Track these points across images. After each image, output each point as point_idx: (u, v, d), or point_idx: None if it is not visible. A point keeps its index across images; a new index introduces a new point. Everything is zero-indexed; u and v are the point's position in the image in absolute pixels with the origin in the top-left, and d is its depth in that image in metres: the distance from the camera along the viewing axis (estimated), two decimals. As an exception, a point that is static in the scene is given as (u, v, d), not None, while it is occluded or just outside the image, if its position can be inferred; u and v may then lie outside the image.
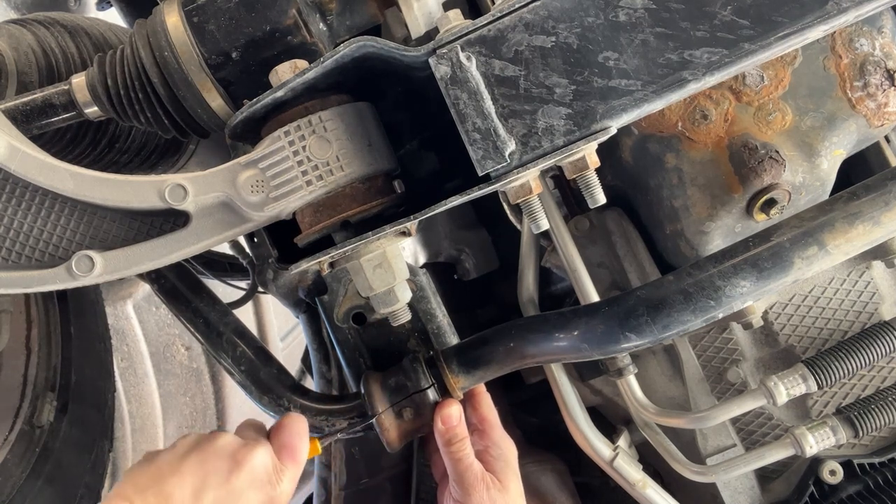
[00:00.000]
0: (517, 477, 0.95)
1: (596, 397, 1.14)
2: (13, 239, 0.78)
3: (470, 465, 0.91)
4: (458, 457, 0.91)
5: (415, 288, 1.05)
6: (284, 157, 0.73)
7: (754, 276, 0.80)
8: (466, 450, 0.92)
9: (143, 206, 0.75)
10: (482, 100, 0.69)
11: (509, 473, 0.94)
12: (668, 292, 0.82)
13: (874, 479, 1.07)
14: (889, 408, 1.00)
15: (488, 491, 0.90)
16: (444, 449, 0.92)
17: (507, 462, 0.94)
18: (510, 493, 0.92)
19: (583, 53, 0.69)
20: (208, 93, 0.81)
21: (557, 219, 1.04)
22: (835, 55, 0.95)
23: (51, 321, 1.33)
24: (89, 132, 1.01)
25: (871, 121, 0.95)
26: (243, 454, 0.83)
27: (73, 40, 1.01)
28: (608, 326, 0.84)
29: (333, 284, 1.07)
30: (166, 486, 0.78)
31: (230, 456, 0.82)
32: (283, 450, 0.86)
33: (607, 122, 0.69)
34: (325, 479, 1.26)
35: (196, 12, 0.80)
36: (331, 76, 0.73)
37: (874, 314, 1.07)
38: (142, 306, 2.00)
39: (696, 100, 0.95)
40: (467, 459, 0.91)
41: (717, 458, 1.07)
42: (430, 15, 0.86)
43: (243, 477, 0.81)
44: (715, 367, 1.09)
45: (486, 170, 0.70)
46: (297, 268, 0.77)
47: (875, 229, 0.80)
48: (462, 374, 0.92)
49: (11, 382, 1.25)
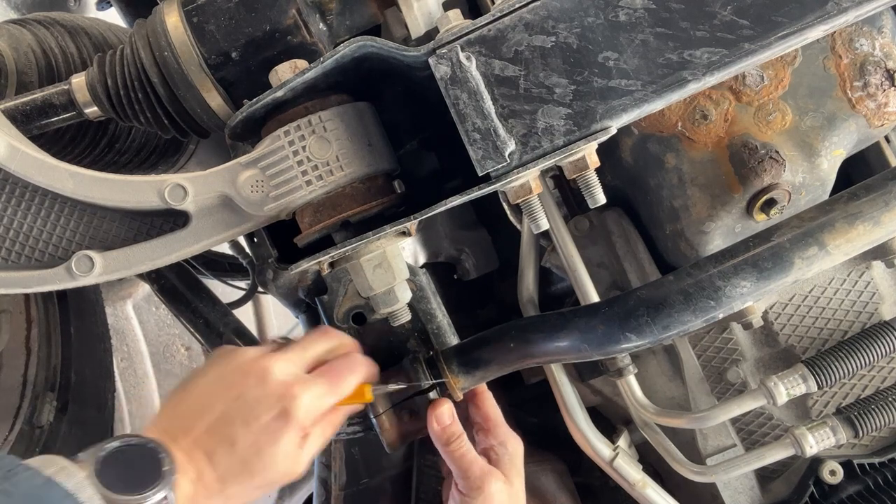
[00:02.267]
0: (521, 475, 0.94)
1: (596, 397, 1.14)
2: (13, 239, 0.78)
3: (473, 461, 0.90)
4: (459, 454, 0.90)
5: (415, 288, 1.05)
6: (284, 157, 0.73)
7: (754, 276, 0.80)
8: (465, 446, 0.91)
9: (142, 206, 0.75)
10: (482, 100, 0.69)
11: (514, 470, 0.93)
12: (668, 292, 0.82)
13: (874, 479, 1.07)
14: (889, 408, 1.00)
15: (496, 485, 0.89)
16: (443, 449, 0.91)
17: (512, 459, 0.93)
18: (514, 488, 0.92)
19: (583, 53, 0.69)
20: (208, 93, 0.81)
21: (557, 219, 1.04)
22: (835, 55, 0.95)
23: (51, 321, 1.33)
24: (89, 132, 1.01)
25: (871, 121, 0.95)
26: (261, 362, 0.79)
27: (73, 40, 1.01)
28: (608, 327, 0.84)
29: (333, 284, 1.07)
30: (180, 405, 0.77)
31: (248, 362, 0.79)
32: (323, 370, 0.81)
33: (607, 122, 0.69)
34: (325, 479, 1.26)
35: (196, 12, 0.80)
36: (331, 76, 0.73)
37: (874, 314, 1.07)
38: (142, 306, 2.00)
39: (696, 100, 0.95)
40: (469, 455, 0.91)
41: (717, 458, 1.07)
42: (430, 15, 0.86)
43: (252, 383, 0.77)
44: (715, 367, 1.09)
45: (486, 170, 0.70)
46: (297, 268, 0.77)
47: (875, 229, 0.80)
48: (462, 375, 0.92)
49: (11, 382, 1.25)
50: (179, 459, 0.72)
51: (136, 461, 0.69)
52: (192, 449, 0.74)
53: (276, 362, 0.79)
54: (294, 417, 0.76)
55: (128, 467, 0.68)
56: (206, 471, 0.73)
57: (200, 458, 0.74)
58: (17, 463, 0.63)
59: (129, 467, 0.68)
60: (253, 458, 0.75)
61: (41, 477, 0.63)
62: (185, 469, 0.72)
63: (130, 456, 0.69)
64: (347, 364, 0.85)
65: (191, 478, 0.72)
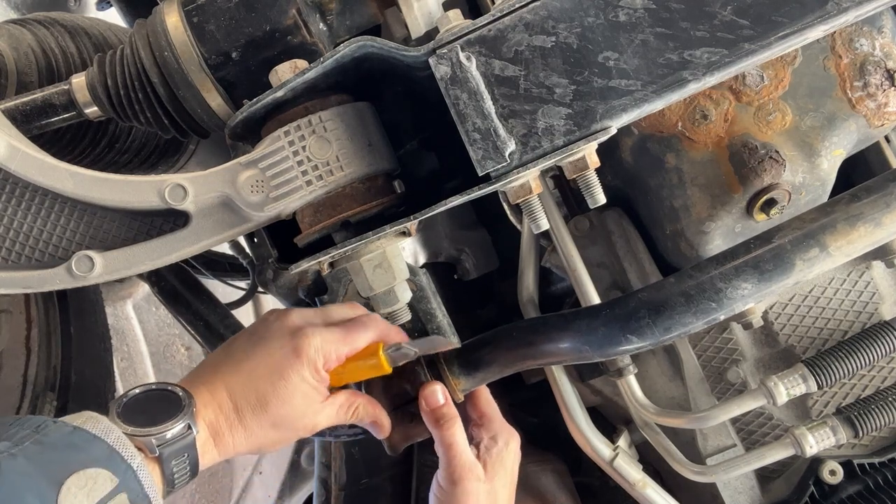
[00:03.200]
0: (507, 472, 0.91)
1: (596, 397, 1.14)
2: (13, 239, 0.78)
3: (459, 453, 0.87)
4: (448, 442, 0.87)
5: (415, 288, 1.05)
6: (284, 157, 0.73)
7: (756, 278, 0.80)
8: (457, 435, 0.88)
9: (142, 206, 0.75)
10: (482, 100, 0.69)
11: (499, 466, 0.89)
12: (669, 294, 0.82)
13: (874, 479, 1.07)
14: (889, 408, 1.00)
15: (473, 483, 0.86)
16: (435, 432, 0.89)
17: (501, 453, 0.90)
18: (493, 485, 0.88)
19: (583, 53, 0.69)
20: (208, 93, 0.81)
21: (557, 219, 1.04)
22: (835, 55, 0.95)
23: (51, 321, 1.33)
24: (89, 132, 1.01)
25: (871, 121, 0.95)
26: (282, 310, 0.86)
27: (73, 40, 1.01)
28: (609, 329, 0.83)
29: (333, 284, 1.07)
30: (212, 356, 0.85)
31: (272, 313, 0.86)
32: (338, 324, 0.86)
33: (607, 122, 0.69)
34: (325, 479, 1.26)
35: (196, 12, 0.80)
36: (331, 76, 0.73)
37: (874, 314, 1.07)
38: (142, 306, 2.00)
39: (696, 100, 0.95)
40: (457, 445, 0.87)
41: (717, 458, 1.07)
42: (430, 15, 0.86)
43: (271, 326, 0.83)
44: (715, 367, 1.09)
45: (486, 170, 0.70)
46: (297, 268, 0.77)
47: (877, 231, 0.80)
48: (463, 377, 0.91)
49: (11, 382, 1.25)
50: (202, 394, 0.77)
51: (157, 401, 0.75)
52: (215, 385, 0.79)
53: (296, 310, 0.86)
54: (304, 353, 0.80)
55: (149, 407, 0.73)
56: (226, 402, 0.78)
57: (221, 390, 0.79)
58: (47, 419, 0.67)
59: (150, 407, 0.73)
60: (267, 388, 0.79)
61: (68, 427, 0.67)
62: (207, 401, 0.78)
63: (151, 398, 0.75)
64: (362, 321, 0.88)
65: (213, 408, 0.78)
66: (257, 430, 0.79)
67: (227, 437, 0.78)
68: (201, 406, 0.76)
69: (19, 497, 0.59)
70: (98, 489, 0.63)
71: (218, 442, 0.78)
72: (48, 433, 0.65)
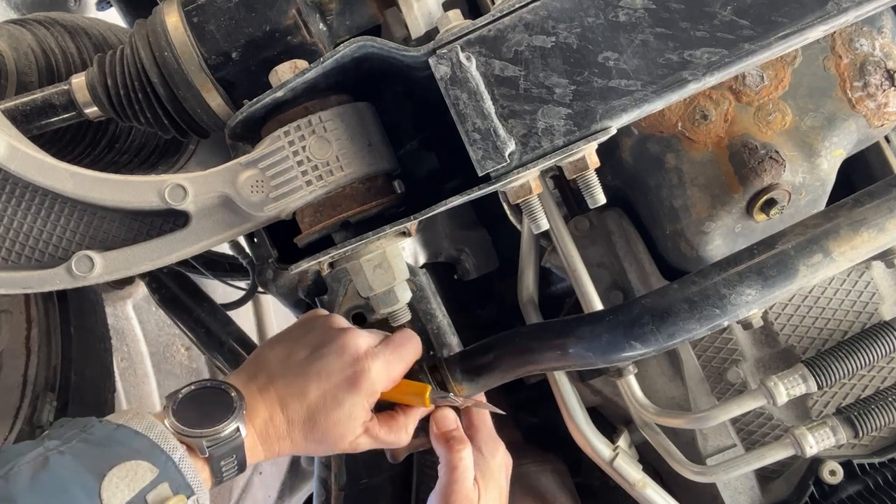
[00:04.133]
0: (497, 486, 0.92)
1: (596, 397, 1.14)
2: (13, 239, 0.78)
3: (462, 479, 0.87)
4: (455, 464, 0.88)
5: (415, 288, 1.05)
6: (284, 157, 0.73)
7: (759, 284, 0.80)
8: (465, 460, 0.88)
9: (142, 206, 0.75)
10: (482, 100, 0.69)
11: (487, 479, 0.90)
12: (673, 301, 0.82)
13: (874, 479, 1.07)
14: (889, 408, 1.00)
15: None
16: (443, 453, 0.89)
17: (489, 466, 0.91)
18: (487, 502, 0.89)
19: (583, 53, 0.69)
20: (208, 93, 0.81)
21: (557, 219, 1.04)
22: (835, 55, 0.95)
23: (51, 321, 1.33)
24: (89, 132, 1.01)
25: (871, 121, 0.95)
26: (345, 330, 0.87)
27: (73, 40, 1.01)
28: (613, 335, 0.83)
29: (333, 284, 1.07)
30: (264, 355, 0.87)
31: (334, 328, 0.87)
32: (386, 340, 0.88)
33: (607, 122, 0.69)
34: (325, 479, 1.26)
35: (196, 12, 0.80)
36: (331, 76, 0.73)
37: (874, 314, 1.07)
38: (142, 306, 2.00)
39: (696, 100, 0.95)
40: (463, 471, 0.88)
41: (717, 458, 1.07)
42: (430, 15, 0.86)
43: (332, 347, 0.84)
44: (715, 367, 1.09)
45: (486, 170, 0.70)
46: (297, 268, 0.77)
47: (880, 236, 0.80)
48: (466, 382, 0.91)
49: (11, 382, 1.25)
50: (256, 400, 0.81)
51: (210, 401, 0.78)
52: (269, 394, 0.82)
53: (358, 333, 0.88)
54: (363, 385, 0.83)
55: (201, 406, 0.77)
56: (278, 414, 0.82)
57: (274, 401, 0.82)
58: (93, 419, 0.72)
59: (203, 406, 0.77)
60: (319, 411, 0.82)
61: (112, 424, 0.71)
62: (259, 409, 0.81)
63: (205, 397, 0.78)
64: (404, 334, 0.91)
65: (264, 417, 0.81)
66: (302, 443, 0.83)
67: (275, 444, 0.82)
68: (252, 413, 0.80)
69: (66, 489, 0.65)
70: (139, 479, 0.67)
71: (265, 447, 0.81)
72: (93, 431, 0.70)
